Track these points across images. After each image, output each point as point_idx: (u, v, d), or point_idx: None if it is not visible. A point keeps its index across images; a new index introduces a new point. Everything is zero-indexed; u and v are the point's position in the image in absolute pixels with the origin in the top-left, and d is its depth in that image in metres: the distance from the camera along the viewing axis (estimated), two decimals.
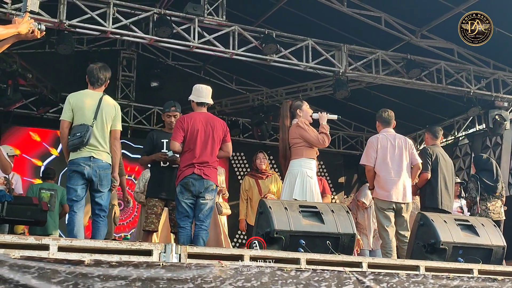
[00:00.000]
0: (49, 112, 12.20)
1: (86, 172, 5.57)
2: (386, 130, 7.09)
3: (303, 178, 6.36)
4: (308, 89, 12.37)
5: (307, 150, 6.47)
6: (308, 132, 6.45)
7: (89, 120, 5.63)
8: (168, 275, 4.09)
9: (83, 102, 5.71)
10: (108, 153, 5.71)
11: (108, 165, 5.69)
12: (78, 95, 5.81)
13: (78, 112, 5.66)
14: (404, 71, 10.72)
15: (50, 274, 3.82)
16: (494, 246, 5.92)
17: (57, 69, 11.96)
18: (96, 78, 5.85)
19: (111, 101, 5.84)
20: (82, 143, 5.53)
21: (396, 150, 6.90)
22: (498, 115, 11.43)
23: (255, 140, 13.30)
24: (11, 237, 4.19)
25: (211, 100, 6.46)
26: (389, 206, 6.78)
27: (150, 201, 6.63)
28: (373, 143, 6.97)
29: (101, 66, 5.94)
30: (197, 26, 9.47)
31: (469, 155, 12.59)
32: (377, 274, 4.78)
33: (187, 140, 6.18)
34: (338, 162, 14.42)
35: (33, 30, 4.27)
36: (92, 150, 5.60)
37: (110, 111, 5.76)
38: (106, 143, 5.70)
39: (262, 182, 8.13)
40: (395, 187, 6.77)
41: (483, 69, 11.21)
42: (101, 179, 5.63)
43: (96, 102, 5.70)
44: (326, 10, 10.07)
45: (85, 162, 5.57)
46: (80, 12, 8.88)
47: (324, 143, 6.45)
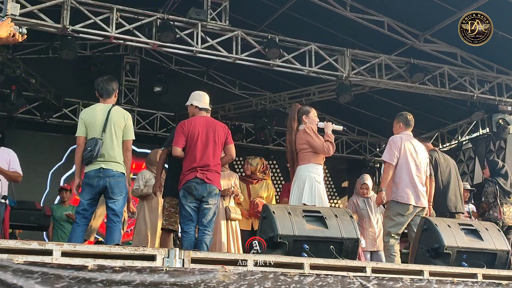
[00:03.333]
0: (52, 117, 12.23)
1: (96, 183, 5.70)
2: (407, 133, 7.04)
3: (311, 183, 6.38)
4: (311, 94, 12.36)
5: (314, 156, 6.49)
6: (314, 139, 6.47)
7: (99, 133, 5.75)
8: (172, 280, 4.09)
9: (93, 116, 5.84)
10: (119, 163, 5.79)
11: (119, 173, 5.78)
12: (89, 110, 5.96)
13: (89, 126, 5.82)
14: (408, 75, 10.71)
15: (53, 279, 3.82)
16: (499, 250, 5.89)
17: (60, 74, 12.00)
18: (105, 90, 5.97)
19: (120, 112, 5.93)
20: (92, 156, 5.68)
21: (418, 155, 6.86)
22: (502, 119, 11.41)
23: (258, 145, 13.30)
24: (15, 242, 4.19)
25: (209, 106, 6.56)
26: (408, 211, 6.65)
27: (172, 200, 6.51)
28: (397, 143, 6.84)
29: (107, 78, 6.07)
30: (200, 31, 9.47)
31: (473, 159, 12.57)
32: (381, 279, 4.77)
33: (187, 144, 6.20)
34: (341, 167, 14.41)
35: (14, 34, 4.27)
36: (102, 161, 5.73)
37: (119, 121, 5.85)
38: (116, 153, 5.79)
39: (252, 187, 8.12)
40: (415, 190, 6.70)
41: (486, 73, 11.19)
42: (112, 187, 5.71)
43: (105, 114, 5.81)
44: (329, 15, 10.08)
45: (96, 174, 5.72)
46: (83, 17, 8.89)
47: (329, 152, 6.47)
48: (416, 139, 7.04)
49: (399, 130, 7.03)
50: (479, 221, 7.68)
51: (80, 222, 5.75)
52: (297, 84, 12.42)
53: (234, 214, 7.48)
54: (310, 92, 12.37)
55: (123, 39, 9.33)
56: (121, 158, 5.82)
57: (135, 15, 9.28)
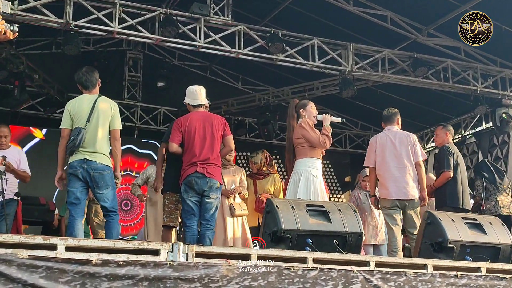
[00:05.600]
0: (56, 113, 12.23)
1: (81, 174, 5.62)
2: (389, 128, 7.05)
3: (307, 177, 6.37)
4: (314, 88, 12.35)
5: (311, 150, 6.48)
6: (310, 133, 6.46)
7: (83, 123, 5.67)
8: (175, 275, 4.10)
9: (79, 107, 5.76)
10: (103, 154, 5.71)
11: (103, 166, 5.69)
12: (74, 101, 5.87)
13: (75, 117, 5.73)
14: (411, 70, 10.69)
15: (58, 273, 3.83)
16: (502, 244, 5.90)
17: (63, 69, 11.98)
18: (89, 82, 5.88)
19: (106, 102, 5.84)
20: (75, 145, 5.59)
21: (396, 147, 6.83)
22: (505, 113, 11.39)
23: (262, 140, 13.29)
24: (19, 237, 4.21)
25: (206, 100, 6.46)
26: (392, 204, 6.72)
27: (173, 196, 6.46)
28: (372, 144, 6.97)
29: (88, 69, 5.98)
30: (203, 25, 9.46)
31: (476, 153, 12.54)
32: (385, 273, 4.77)
33: (185, 140, 6.19)
34: (344, 161, 14.40)
35: (5, 32, 4.27)
36: (86, 152, 5.64)
37: (105, 112, 5.77)
38: (102, 145, 5.71)
39: (259, 182, 8.11)
40: (395, 184, 6.71)
41: (490, 67, 11.16)
42: (96, 181, 5.64)
43: (91, 104, 5.74)
44: (332, 9, 10.06)
45: (79, 164, 5.62)
46: (86, 12, 8.89)
47: (324, 145, 6.44)
48: (401, 131, 7.00)
49: (383, 128, 7.12)
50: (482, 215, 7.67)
51: (76, 214, 5.65)
52: (300, 78, 12.41)
53: (240, 210, 7.50)
54: (313, 87, 12.36)
55: (126, 34, 9.33)
56: (107, 150, 5.74)
57: (138, 10, 9.28)
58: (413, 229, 6.63)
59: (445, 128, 7.69)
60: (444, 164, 7.24)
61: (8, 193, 6.74)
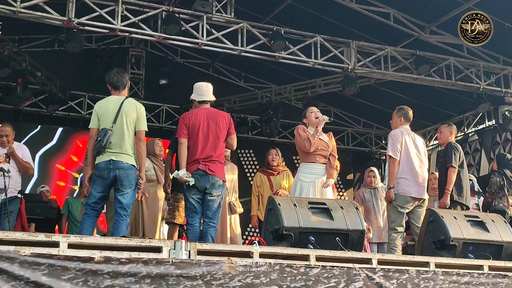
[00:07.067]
0: (58, 110, 12.25)
1: (107, 175, 5.67)
2: (406, 127, 7.07)
3: (296, 182, 6.74)
4: (316, 86, 12.34)
5: (304, 155, 6.80)
6: (297, 138, 6.80)
7: (109, 124, 5.72)
8: (178, 272, 4.10)
9: (106, 107, 5.82)
10: (129, 155, 5.76)
11: (129, 166, 5.74)
12: (103, 102, 5.94)
13: (102, 118, 5.79)
14: (413, 67, 10.67)
15: (60, 271, 3.84)
16: (505, 242, 5.89)
17: (66, 67, 12.00)
18: (120, 83, 5.95)
19: (133, 103, 5.89)
20: (101, 146, 5.66)
21: (417, 146, 6.95)
22: (508, 111, 11.36)
23: (264, 137, 13.28)
24: (22, 234, 4.21)
25: (213, 97, 6.47)
26: (409, 202, 6.75)
27: (177, 194, 7.00)
28: (398, 136, 6.92)
29: (119, 70, 6.06)
30: (205, 23, 9.46)
31: (479, 151, 12.53)
32: (387, 270, 4.77)
33: (189, 136, 6.19)
34: (347, 159, 14.35)
35: None
36: (112, 153, 5.70)
37: (131, 113, 5.81)
38: (127, 145, 5.75)
39: (274, 178, 8.16)
40: (416, 183, 6.78)
41: (492, 65, 11.14)
42: (121, 179, 5.68)
43: (118, 106, 5.78)
44: (334, 7, 10.05)
45: (106, 165, 5.68)
46: (88, 10, 8.89)
47: (304, 148, 6.72)
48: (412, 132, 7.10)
49: (398, 124, 7.10)
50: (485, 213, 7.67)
51: (91, 213, 5.73)
52: (303, 76, 12.40)
53: (239, 208, 7.72)
54: (315, 85, 12.36)
55: (128, 31, 9.32)
56: (132, 150, 5.78)
57: (140, 7, 9.27)
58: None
59: (449, 126, 7.72)
60: (451, 159, 7.26)
61: (12, 190, 6.75)
